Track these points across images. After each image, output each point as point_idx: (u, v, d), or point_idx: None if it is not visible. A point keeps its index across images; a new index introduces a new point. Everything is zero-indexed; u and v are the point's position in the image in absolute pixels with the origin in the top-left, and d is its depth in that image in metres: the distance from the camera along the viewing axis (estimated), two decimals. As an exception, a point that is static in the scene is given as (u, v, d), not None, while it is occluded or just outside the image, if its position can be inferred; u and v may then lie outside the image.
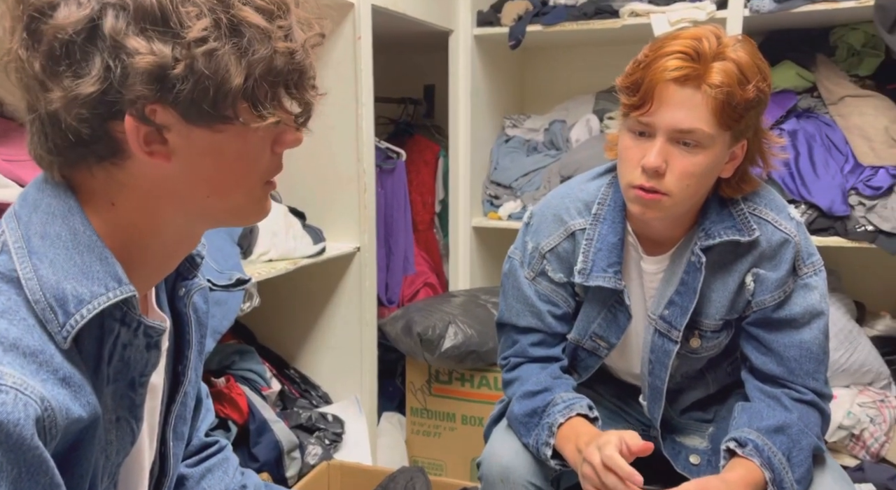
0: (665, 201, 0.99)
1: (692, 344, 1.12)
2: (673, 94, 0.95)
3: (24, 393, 0.47)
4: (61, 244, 0.54)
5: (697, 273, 1.05)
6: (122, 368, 0.59)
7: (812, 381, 1.07)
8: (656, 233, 1.10)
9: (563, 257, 1.14)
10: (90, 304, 0.53)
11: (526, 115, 2.45)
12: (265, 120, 0.55)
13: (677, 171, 0.97)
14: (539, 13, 2.13)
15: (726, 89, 0.93)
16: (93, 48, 0.51)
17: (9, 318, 0.50)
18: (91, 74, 0.50)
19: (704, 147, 0.96)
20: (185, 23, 0.51)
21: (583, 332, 1.16)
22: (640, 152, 0.99)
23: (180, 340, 0.70)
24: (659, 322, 1.09)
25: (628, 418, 1.27)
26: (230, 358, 1.62)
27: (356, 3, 1.63)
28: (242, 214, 0.62)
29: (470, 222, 2.28)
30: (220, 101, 0.53)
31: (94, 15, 0.50)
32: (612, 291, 1.11)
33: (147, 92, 0.51)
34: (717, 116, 0.94)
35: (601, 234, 1.10)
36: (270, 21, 0.54)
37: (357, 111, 1.68)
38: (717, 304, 1.08)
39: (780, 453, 1.00)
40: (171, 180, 0.56)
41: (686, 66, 0.94)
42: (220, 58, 0.52)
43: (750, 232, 1.04)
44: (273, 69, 0.54)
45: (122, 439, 0.61)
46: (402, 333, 1.85)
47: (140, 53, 0.50)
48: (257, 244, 1.51)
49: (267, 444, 1.55)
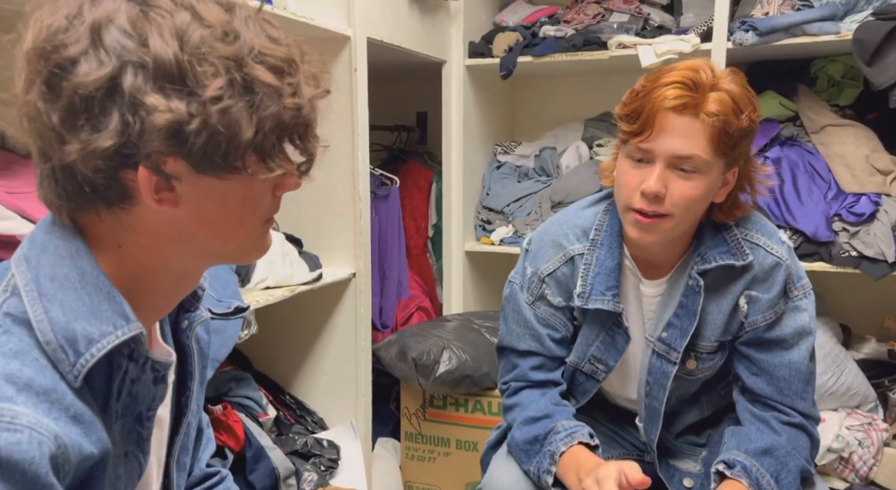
0: (664, 224, 1.03)
1: (689, 366, 1.15)
2: (672, 122, 0.99)
3: (39, 431, 0.49)
4: (70, 285, 0.56)
5: (696, 296, 1.09)
6: (130, 403, 0.61)
7: (800, 401, 1.11)
8: (653, 257, 1.14)
9: (562, 282, 1.17)
10: (100, 343, 0.55)
11: (517, 141, 2.49)
12: (272, 172, 0.58)
13: (676, 195, 1.01)
14: (529, 44, 2.18)
15: (722, 118, 0.98)
16: (111, 104, 0.53)
17: (22, 358, 0.52)
18: (109, 129, 0.53)
19: (701, 173, 1.01)
20: (202, 81, 0.53)
21: (581, 355, 1.19)
22: (639, 177, 1.03)
23: (183, 372, 0.72)
24: (658, 344, 1.13)
25: (623, 443, 1.29)
26: (227, 385, 1.63)
27: (352, 36, 1.68)
28: (244, 253, 0.65)
29: (463, 247, 2.31)
30: (230, 154, 0.56)
31: (114, 73, 0.52)
32: (610, 314, 1.14)
33: (162, 146, 0.54)
34: (713, 144, 0.99)
35: (599, 258, 1.14)
36: (280, 79, 0.57)
37: (353, 141, 1.71)
38: (713, 326, 1.12)
39: (769, 475, 1.03)
40: (177, 224, 0.59)
41: (685, 95, 0.98)
42: (233, 114, 0.54)
43: (744, 256, 1.08)
44: (281, 123, 0.57)
45: (130, 473, 0.62)
46: (397, 358, 1.87)
47: (159, 110, 0.52)
48: (255, 272, 1.53)
49: (263, 471, 1.56)
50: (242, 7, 0.59)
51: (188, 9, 0.55)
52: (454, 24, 2.20)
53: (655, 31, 2.17)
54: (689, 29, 2.11)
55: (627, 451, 1.27)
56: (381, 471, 1.99)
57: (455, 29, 2.20)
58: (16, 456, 0.47)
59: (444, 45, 2.17)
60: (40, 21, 0.54)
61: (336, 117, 1.71)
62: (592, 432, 1.11)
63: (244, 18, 0.58)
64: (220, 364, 1.71)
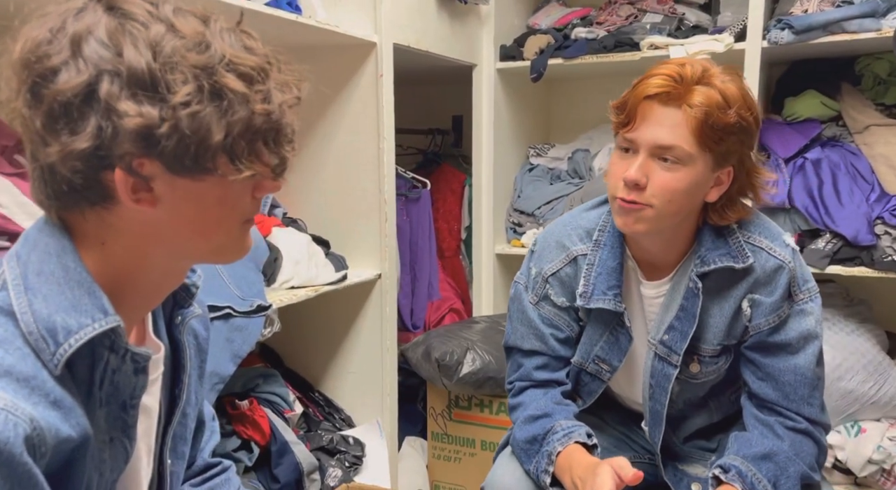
0: (647, 213, 1.03)
1: (692, 369, 1.15)
2: (655, 112, 1.01)
3: (14, 414, 0.53)
4: (54, 280, 0.60)
5: (696, 299, 1.08)
6: (113, 392, 0.64)
7: (807, 406, 1.09)
8: (653, 257, 1.14)
9: (566, 282, 1.18)
10: (77, 334, 0.59)
11: (550, 144, 2.49)
12: (241, 173, 0.60)
13: (657, 185, 1.02)
14: (561, 46, 2.18)
15: (705, 109, 0.98)
16: (89, 109, 0.57)
17: (5, 347, 0.56)
18: (85, 132, 0.56)
19: (684, 164, 1.01)
20: (172, 88, 0.57)
21: (586, 355, 1.19)
22: (624, 167, 1.04)
23: (176, 365, 0.76)
24: (659, 347, 1.13)
25: (633, 446, 1.28)
26: (254, 381, 1.68)
27: (378, 43, 1.71)
28: (223, 253, 0.68)
29: (493, 249, 2.32)
30: (200, 156, 0.59)
31: (91, 80, 0.56)
32: (612, 314, 1.14)
33: (134, 148, 0.57)
34: (696, 136, 0.99)
35: (601, 258, 1.14)
36: (250, 86, 0.60)
37: (379, 145, 1.75)
38: (715, 330, 1.11)
39: (766, 480, 1.01)
40: (156, 223, 0.62)
41: (668, 85, 1.00)
42: (202, 118, 0.57)
43: (744, 259, 1.07)
44: (251, 128, 0.60)
45: (116, 458, 0.66)
46: (422, 359, 1.89)
47: (129, 115, 0.56)
48: (281, 272, 1.58)
49: (288, 465, 1.61)
50: (219, 20, 0.62)
51: (164, 21, 0.59)
52: (485, 28, 2.21)
53: (691, 31, 2.14)
54: (726, 28, 2.06)
55: (638, 453, 1.27)
56: (408, 469, 2.01)
57: (486, 32, 2.22)
58: None
59: (474, 49, 2.19)
60: (27, 34, 0.58)
61: (362, 121, 1.75)
62: (591, 432, 1.11)
63: (220, 30, 0.61)
64: (250, 361, 1.78)
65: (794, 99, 2.08)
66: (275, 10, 1.41)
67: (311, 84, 0.68)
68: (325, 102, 1.79)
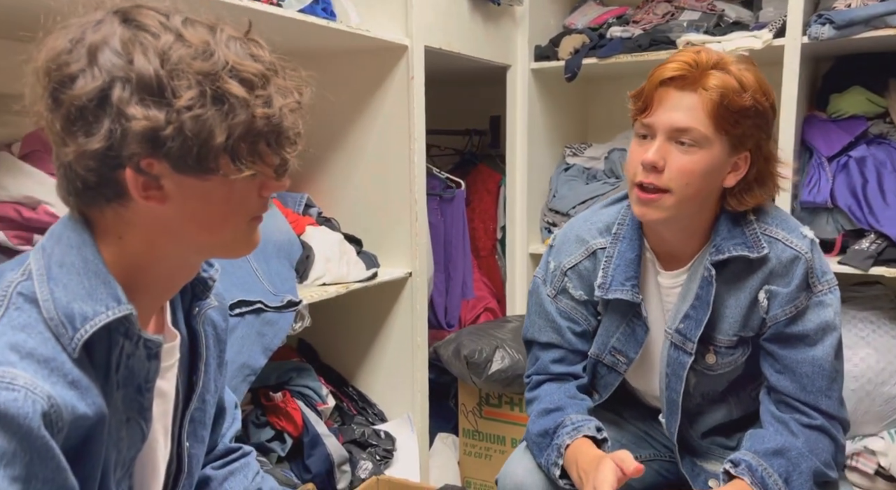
0: (665, 200, 1.05)
1: (708, 360, 1.15)
2: (671, 97, 1.04)
3: (33, 392, 0.58)
4: (74, 271, 0.65)
5: (710, 287, 1.09)
6: (129, 375, 0.69)
7: (825, 399, 1.08)
8: (671, 247, 1.15)
9: (584, 275, 1.21)
10: (93, 321, 0.64)
11: (587, 143, 2.48)
12: (242, 173, 0.65)
13: (674, 168, 1.03)
14: (596, 46, 2.17)
15: (720, 91, 1.01)
16: (102, 113, 0.61)
17: (28, 331, 0.62)
18: (99, 134, 0.61)
19: (701, 147, 1.03)
20: (177, 92, 0.61)
21: (602, 347, 1.21)
22: (642, 153, 1.06)
23: (194, 353, 0.81)
24: (675, 335, 1.14)
25: (653, 443, 1.28)
26: (288, 374, 1.74)
27: (409, 46, 1.75)
28: (230, 248, 0.72)
29: (527, 249, 2.33)
30: (203, 156, 0.63)
31: (104, 86, 0.61)
32: (630, 305, 1.16)
33: (141, 149, 0.62)
34: (712, 118, 1.01)
35: (620, 251, 1.17)
36: (251, 91, 0.64)
37: (410, 145, 1.79)
38: (731, 320, 1.12)
39: (777, 475, 1.02)
40: (167, 219, 0.66)
41: (684, 69, 1.03)
42: (205, 121, 0.62)
43: (759, 249, 1.08)
44: (252, 130, 0.64)
45: (133, 437, 0.71)
46: (453, 356, 1.92)
47: (136, 119, 0.60)
48: (312, 269, 1.64)
49: (319, 456, 1.66)
50: (226, 29, 0.66)
51: (173, 31, 0.63)
52: (519, 29, 2.23)
53: (730, 28, 2.10)
54: (768, 24, 2.02)
55: (658, 451, 1.27)
56: (439, 465, 2.05)
57: (521, 33, 2.23)
58: (12, 411, 0.56)
59: (508, 50, 2.20)
60: (49, 44, 0.63)
61: (393, 123, 1.79)
62: (601, 427, 1.13)
63: (226, 39, 0.65)
64: (285, 355, 1.84)
65: (840, 95, 2.02)
66: (307, 16, 1.47)
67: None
68: (358, 105, 1.84)
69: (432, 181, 2.23)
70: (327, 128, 1.88)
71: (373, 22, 1.74)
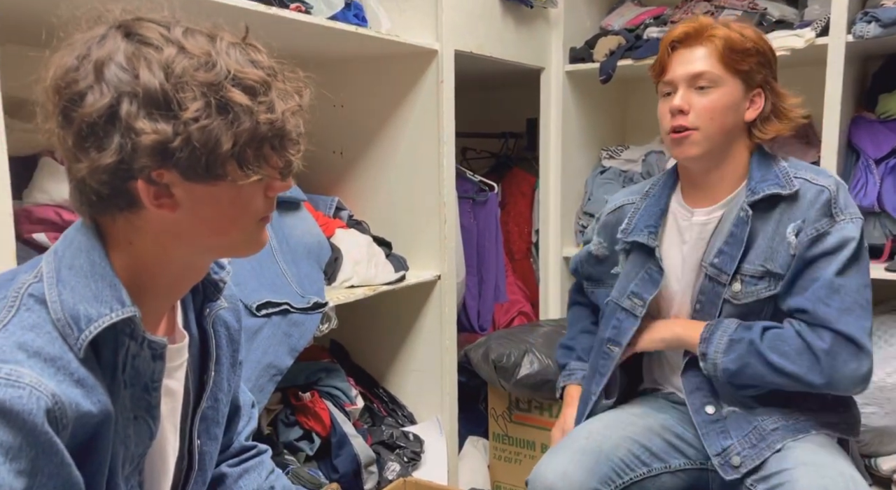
0: (695, 136, 1.23)
1: (734, 287, 1.25)
2: (683, 54, 1.24)
3: (38, 389, 0.60)
4: (82, 274, 0.67)
5: (745, 226, 1.22)
6: (135, 375, 0.71)
7: (822, 306, 1.15)
8: (705, 187, 1.29)
9: (608, 226, 1.44)
10: (97, 322, 0.66)
11: (624, 146, 2.44)
12: (249, 178, 0.67)
13: (698, 108, 1.22)
14: (632, 47, 2.14)
15: (724, 39, 1.21)
16: (111, 128, 0.63)
17: (36, 331, 0.64)
18: (110, 149, 0.63)
19: (717, 86, 1.22)
20: (183, 105, 0.63)
21: (622, 291, 1.37)
22: (669, 105, 1.25)
23: (205, 354, 0.83)
24: (710, 268, 1.27)
25: (687, 451, 1.28)
26: (317, 374, 1.77)
27: (439, 50, 1.76)
28: (240, 248, 0.74)
29: (561, 252, 2.31)
30: (212, 164, 0.65)
31: (112, 102, 0.63)
32: (647, 251, 1.32)
33: (151, 162, 0.64)
34: (721, 60, 1.21)
35: (647, 205, 1.37)
36: (254, 98, 0.65)
37: (439, 149, 1.79)
38: (757, 250, 1.23)
39: (729, 336, 1.21)
40: (177, 224, 0.68)
41: (689, 29, 1.24)
42: (211, 131, 0.63)
43: (790, 186, 1.21)
44: (257, 136, 0.66)
45: (141, 434, 0.73)
46: (482, 360, 1.92)
47: (145, 133, 0.62)
48: (341, 271, 1.66)
49: (346, 456, 1.68)
50: (225, 37, 0.68)
51: (175, 43, 0.65)
52: (554, 31, 2.21)
53: (773, 27, 2.03)
54: (813, 22, 1.95)
55: (689, 459, 1.28)
56: (469, 468, 2.04)
57: (555, 35, 2.21)
58: (17, 407, 0.58)
59: (542, 52, 2.19)
60: (56, 61, 0.65)
61: (423, 127, 1.80)
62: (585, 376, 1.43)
63: (226, 47, 0.66)
64: (315, 355, 1.87)
65: (889, 95, 1.94)
66: (335, 23, 1.49)
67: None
68: (388, 109, 1.86)
69: (465, 184, 2.23)
70: (358, 132, 1.90)
71: (404, 27, 1.75)
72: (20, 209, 1.25)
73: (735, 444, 1.20)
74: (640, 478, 1.24)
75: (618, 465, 1.22)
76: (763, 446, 1.18)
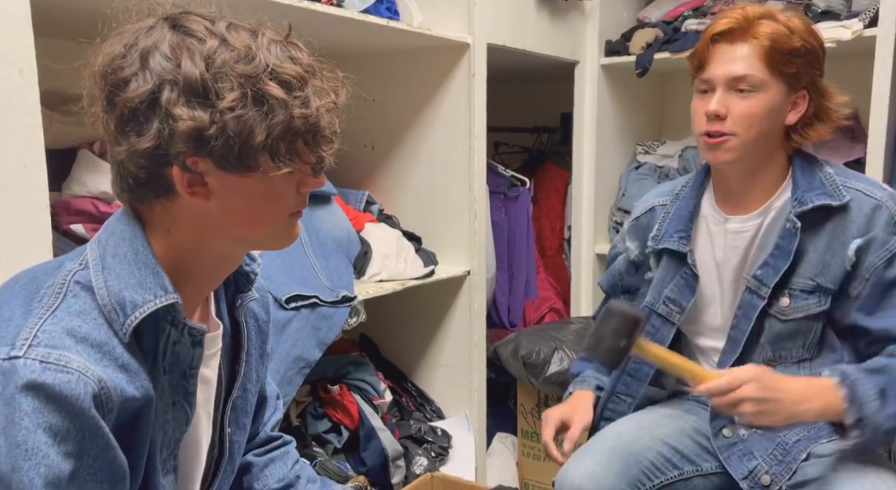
0: (731, 142, 1.13)
1: (782, 303, 1.18)
2: (724, 51, 1.13)
3: (85, 374, 0.62)
4: (126, 261, 0.69)
5: (793, 238, 1.14)
6: (175, 361, 0.73)
7: None
8: (740, 191, 1.21)
9: (640, 228, 1.35)
10: (142, 308, 0.68)
11: (661, 141, 2.39)
12: (280, 170, 0.68)
13: (737, 113, 1.12)
14: (670, 40, 2.09)
15: (771, 37, 1.10)
16: (151, 114, 0.65)
17: (83, 317, 0.66)
18: (149, 133, 0.65)
19: (759, 91, 1.11)
20: (220, 94, 0.65)
21: (657, 297, 1.30)
22: (704, 105, 1.15)
23: (237, 344, 0.85)
24: (751, 281, 1.19)
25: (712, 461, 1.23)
26: (346, 368, 1.78)
27: (472, 43, 1.75)
28: (271, 241, 0.75)
29: (594, 249, 2.28)
30: (245, 154, 0.66)
31: (154, 89, 0.65)
32: (680, 257, 1.26)
33: (186, 148, 0.66)
34: (765, 62, 1.10)
35: (677, 208, 1.29)
36: (289, 92, 0.67)
37: (470, 143, 1.78)
38: (809, 264, 1.15)
39: (871, 385, 1.04)
40: (211, 214, 0.70)
41: (733, 23, 1.12)
42: (246, 121, 0.65)
43: (840, 197, 1.13)
44: (290, 130, 0.67)
45: (178, 419, 0.76)
46: (511, 356, 1.91)
47: (183, 119, 0.64)
48: (370, 265, 1.66)
49: (374, 449, 1.69)
50: (267, 33, 0.69)
51: (218, 36, 0.67)
52: (589, 24, 2.17)
53: (820, 18, 1.96)
54: (861, 13, 1.88)
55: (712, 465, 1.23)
56: (497, 465, 2.03)
57: (590, 28, 2.18)
58: (66, 392, 0.61)
59: (577, 46, 2.15)
60: (105, 49, 0.68)
61: (454, 121, 1.79)
62: (601, 386, 1.34)
63: (267, 43, 0.68)
64: (344, 348, 1.88)
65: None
66: (367, 16, 1.49)
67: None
68: (419, 103, 1.85)
69: (497, 179, 2.21)
70: (389, 126, 1.90)
71: (436, 20, 1.74)
72: (59, 201, 1.28)
73: (761, 464, 1.15)
74: (670, 481, 1.21)
75: (648, 468, 1.19)
76: (789, 460, 1.14)
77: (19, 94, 0.94)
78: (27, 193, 0.96)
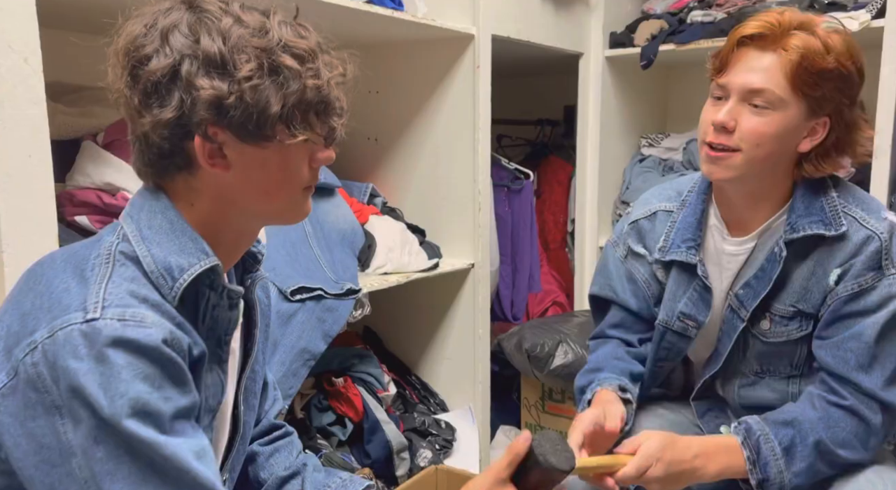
0: (734, 159, 1.03)
1: (762, 325, 1.14)
2: (749, 57, 1.01)
3: (160, 327, 0.67)
4: (163, 231, 0.73)
5: (776, 264, 1.08)
6: (213, 326, 0.76)
7: (863, 376, 1.03)
8: (739, 211, 1.13)
9: (641, 232, 1.25)
10: (189, 271, 0.71)
11: (665, 133, 2.39)
12: (296, 138, 0.71)
13: (745, 129, 1.01)
14: (675, 31, 2.08)
15: (801, 51, 0.97)
16: (173, 86, 0.69)
17: (137, 282, 0.70)
18: (171, 104, 0.69)
19: (775, 109, 1.00)
20: (238, 65, 0.68)
21: (670, 313, 1.21)
22: (714, 113, 1.04)
23: (249, 322, 0.88)
24: (733, 299, 1.15)
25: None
26: (350, 360, 1.78)
27: (476, 35, 1.74)
28: (285, 214, 0.79)
29: (597, 242, 2.27)
30: (262, 124, 0.69)
31: (175, 63, 0.69)
32: (690, 268, 1.17)
33: (208, 116, 0.69)
34: (789, 79, 0.98)
35: (684, 215, 1.19)
36: (302, 64, 0.70)
37: (474, 135, 1.77)
38: (790, 290, 1.10)
39: (776, 442, 1.02)
40: (230, 187, 0.74)
41: (765, 28, 1.00)
42: (263, 91, 0.68)
43: (837, 226, 1.05)
44: (304, 100, 0.70)
45: (216, 386, 0.78)
46: (515, 349, 1.90)
47: (204, 88, 0.68)
48: (374, 258, 1.66)
49: (378, 442, 1.69)
50: (277, 14, 0.73)
51: (233, 15, 0.71)
52: (593, 15, 2.16)
53: (826, 9, 1.96)
54: (868, 4, 1.87)
55: None
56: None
57: (595, 20, 2.17)
58: (151, 343, 0.65)
59: (581, 37, 2.14)
60: (127, 29, 0.71)
61: (458, 113, 1.79)
62: (624, 387, 1.17)
63: (278, 22, 0.72)
64: (348, 341, 1.88)
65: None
66: (372, 6, 1.48)
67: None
68: (423, 95, 1.84)
69: (500, 172, 2.21)
70: (393, 118, 1.90)
71: (441, 11, 1.73)
72: (63, 192, 1.28)
73: None
74: None
75: None
76: None
77: (24, 83, 0.94)
78: (33, 182, 0.96)
